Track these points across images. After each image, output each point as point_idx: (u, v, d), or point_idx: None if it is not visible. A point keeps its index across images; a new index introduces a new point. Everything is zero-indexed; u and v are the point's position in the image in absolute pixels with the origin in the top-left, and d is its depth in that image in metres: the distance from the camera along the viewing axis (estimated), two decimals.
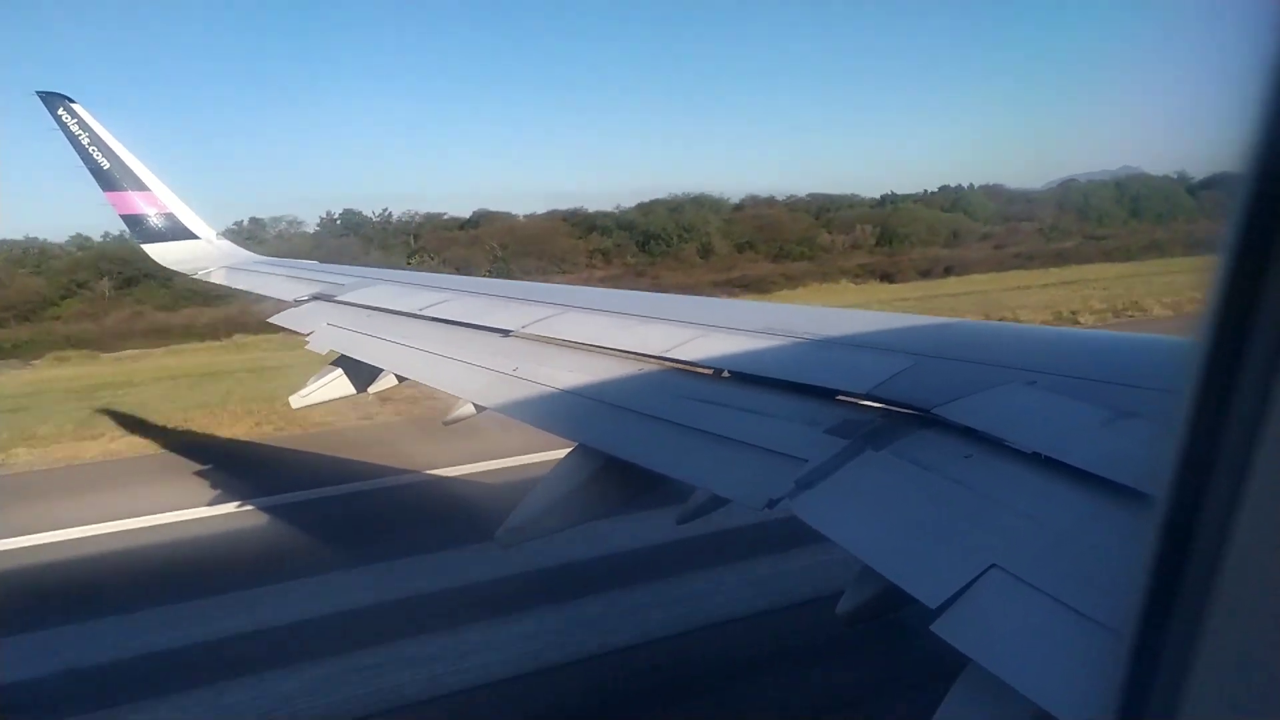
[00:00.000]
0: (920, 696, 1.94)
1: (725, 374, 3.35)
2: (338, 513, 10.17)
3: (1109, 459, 1.96)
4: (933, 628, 1.68)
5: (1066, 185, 49.18)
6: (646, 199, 43.37)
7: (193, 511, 10.14)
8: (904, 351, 2.95)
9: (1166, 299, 23.17)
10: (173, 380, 19.33)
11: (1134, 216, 45.20)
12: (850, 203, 46.29)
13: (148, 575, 8.65)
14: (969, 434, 2.31)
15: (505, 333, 4.58)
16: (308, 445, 13.19)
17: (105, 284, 31.84)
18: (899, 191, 48.39)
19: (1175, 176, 48.74)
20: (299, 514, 10.09)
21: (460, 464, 11.30)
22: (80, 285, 32.07)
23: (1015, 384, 2.50)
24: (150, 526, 9.80)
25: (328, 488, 10.87)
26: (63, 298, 31.33)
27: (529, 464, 10.30)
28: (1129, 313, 22.62)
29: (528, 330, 4.49)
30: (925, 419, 2.48)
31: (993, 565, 1.78)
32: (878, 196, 47.59)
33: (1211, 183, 49.68)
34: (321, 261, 9.17)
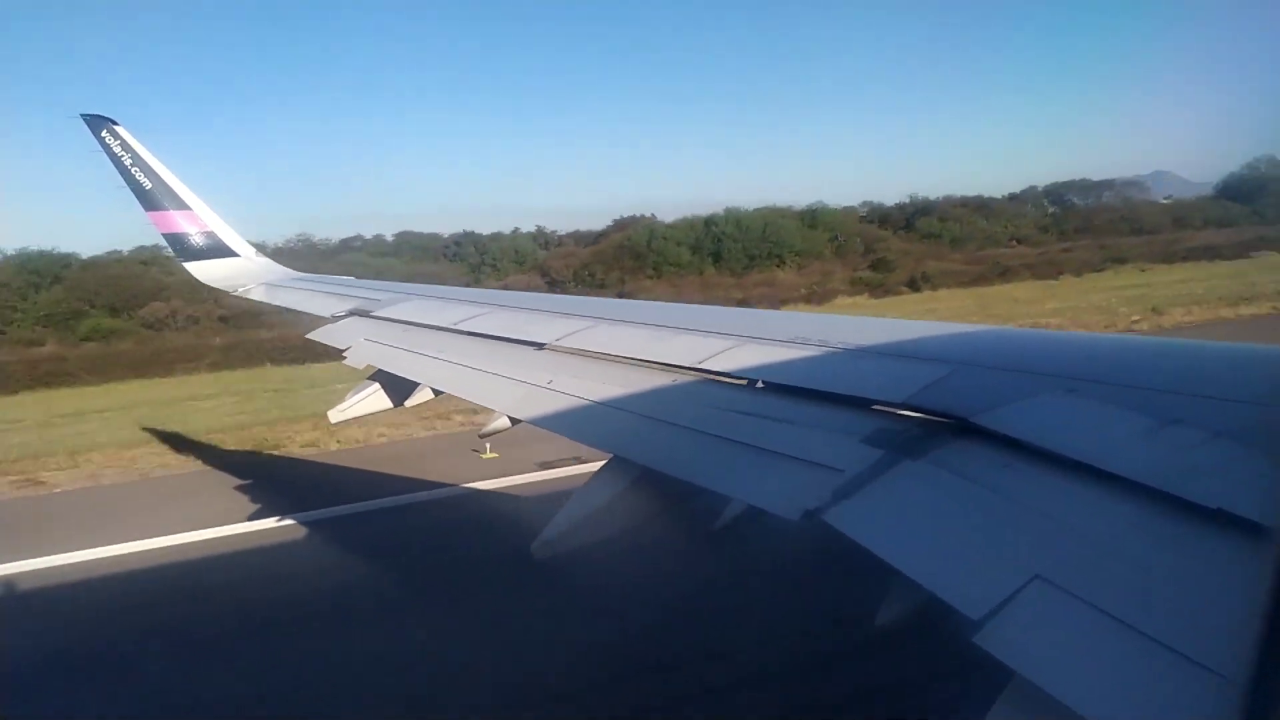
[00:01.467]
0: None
1: (760, 384, 3.35)
2: None
3: (1153, 467, 1.93)
4: (975, 639, 1.67)
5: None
6: None
7: None
8: (940, 360, 2.92)
9: None
10: None
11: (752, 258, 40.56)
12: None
13: None
14: (1009, 443, 2.28)
15: (539, 346, 4.62)
16: None
17: None
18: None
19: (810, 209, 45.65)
20: None
21: None
22: None
23: (1055, 392, 2.48)
24: None
25: None
26: None
27: None
28: None
29: (562, 343, 4.52)
30: (963, 428, 2.45)
31: (1036, 576, 1.76)
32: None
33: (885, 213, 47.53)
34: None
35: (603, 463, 3.34)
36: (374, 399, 5.70)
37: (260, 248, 10.61)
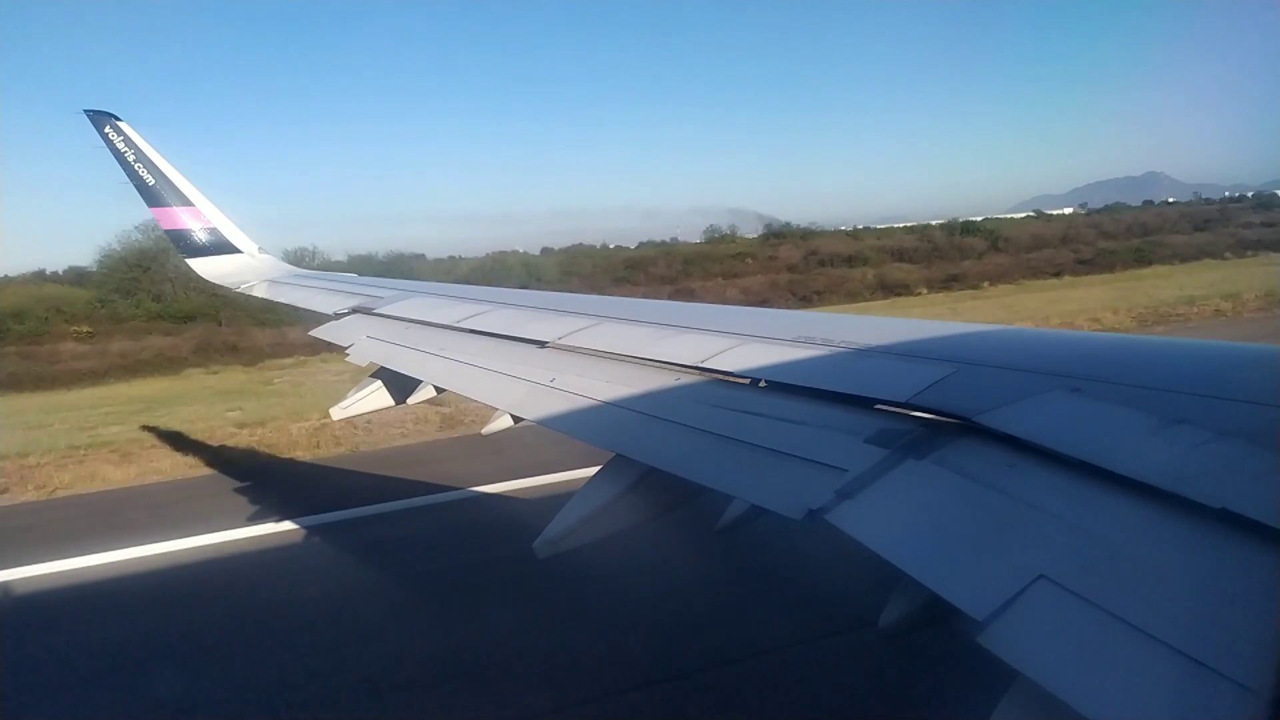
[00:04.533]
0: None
1: (762, 384, 3.34)
2: None
3: (1157, 467, 1.92)
4: (980, 640, 1.66)
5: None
6: None
7: None
8: (944, 359, 2.92)
9: None
10: None
11: None
12: None
13: None
14: (1012, 443, 2.28)
15: (542, 344, 4.61)
16: None
17: None
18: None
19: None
20: None
21: None
22: None
23: (1059, 391, 2.47)
24: None
25: None
26: None
27: None
28: None
29: (564, 341, 4.51)
30: (967, 427, 2.45)
31: (1040, 576, 1.76)
32: None
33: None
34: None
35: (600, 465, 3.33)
36: (376, 396, 5.69)
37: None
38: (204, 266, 9.64)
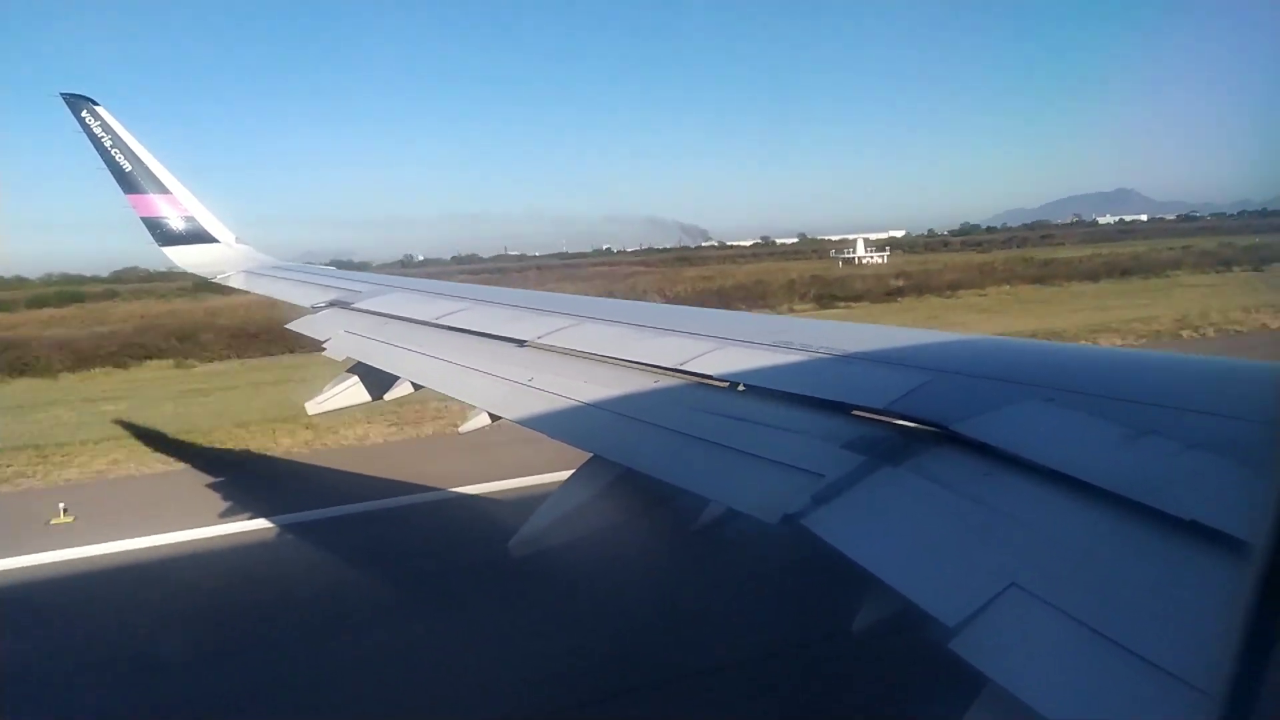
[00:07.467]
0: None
1: (741, 387, 3.35)
2: None
3: (1128, 477, 1.95)
4: (951, 645, 1.68)
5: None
6: None
7: None
8: (921, 367, 2.94)
9: None
10: None
11: None
12: None
13: None
14: (987, 451, 2.30)
15: (521, 343, 4.59)
16: None
17: None
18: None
19: None
20: None
21: None
22: None
23: (1033, 401, 2.50)
24: None
25: None
26: None
27: None
28: None
29: (543, 341, 4.50)
30: (943, 435, 2.47)
31: (1012, 584, 1.78)
32: None
33: None
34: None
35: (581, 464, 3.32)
36: (352, 391, 5.64)
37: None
38: (180, 256, 9.51)
